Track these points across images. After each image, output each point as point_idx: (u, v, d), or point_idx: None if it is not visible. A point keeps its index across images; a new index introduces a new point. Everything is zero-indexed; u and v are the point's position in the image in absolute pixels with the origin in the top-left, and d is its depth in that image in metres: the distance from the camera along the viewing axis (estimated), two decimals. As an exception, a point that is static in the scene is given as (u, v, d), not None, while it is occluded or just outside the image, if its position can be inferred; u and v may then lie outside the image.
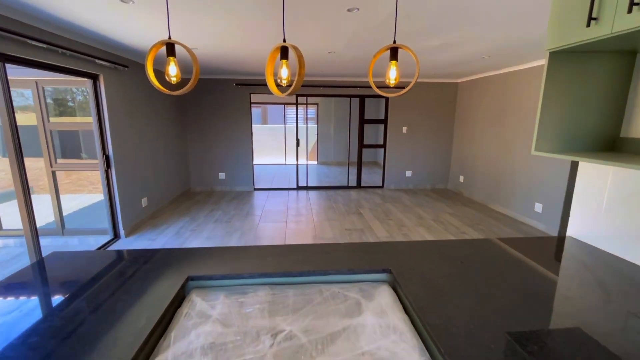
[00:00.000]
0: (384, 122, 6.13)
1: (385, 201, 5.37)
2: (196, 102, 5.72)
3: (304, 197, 5.64)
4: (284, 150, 9.89)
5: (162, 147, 4.81)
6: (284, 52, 1.22)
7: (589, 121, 1.36)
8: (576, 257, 1.41)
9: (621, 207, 1.38)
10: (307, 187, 6.31)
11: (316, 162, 9.64)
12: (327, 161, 9.68)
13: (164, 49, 1.31)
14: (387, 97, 1.39)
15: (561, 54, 1.26)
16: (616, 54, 1.29)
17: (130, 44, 3.29)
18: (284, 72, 1.26)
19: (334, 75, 5.43)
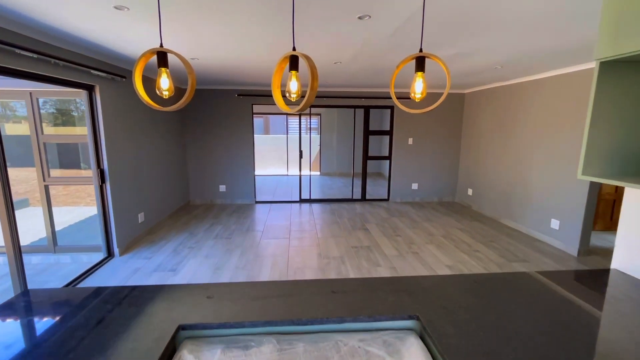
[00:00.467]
0: (390, 133, 5.97)
1: (391, 215, 5.17)
2: (197, 113, 5.59)
3: (307, 211, 5.45)
4: (286, 160, 9.73)
5: (161, 160, 4.64)
6: (294, 62, 1.06)
7: (645, 141, 1.18)
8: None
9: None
10: (310, 200, 6.12)
11: (319, 173, 9.47)
12: (330, 172, 9.51)
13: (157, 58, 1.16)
14: (410, 112, 1.21)
15: (614, 64, 1.09)
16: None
17: (127, 54, 3.15)
18: (294, 85, 1.09)
19: (338, 85, 5.30)
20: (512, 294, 1.21)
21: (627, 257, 1.40)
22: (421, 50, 1.17)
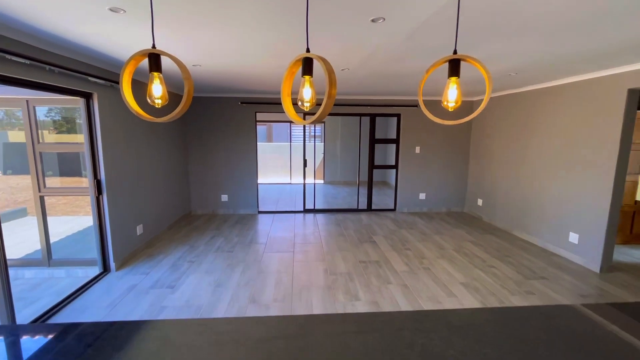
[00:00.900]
0: (396, 141, 5.81)
1: (399, 227, 4.98)
2: (199, 122, 5.46)
3: (311, 222, 5.27)
4: (289, 169, 9.58)
5: (161, 169, 4.50)
6: (308, 66, 0.90)
7: None
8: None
9: None
10: (314, 210, 5.94)
11: (322, 182, 9.31)
12: (333, 180, 9.34)
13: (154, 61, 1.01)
14: (444, 123, 1.05)
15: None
16: None
17: (126, 60, 3.02)
18: (307, 93, 0.94)
19: (344, 93, 5.17)
20: (560, 335, 1.03)
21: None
22: (455, 51, 1.01)
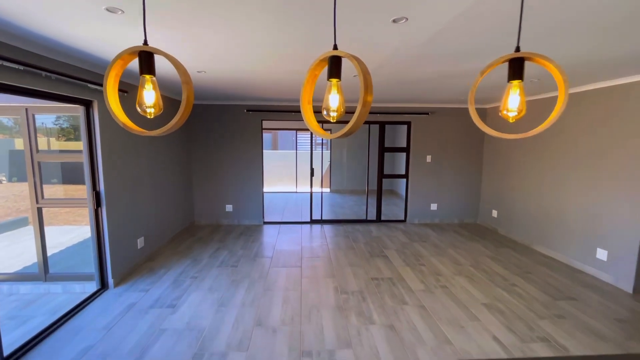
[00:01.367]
0: (406, 150, 5.61)
1: (411, 240, 4.75)
2: (203, 130, 5.32)
3: (318, 233, 5.06)
4: (294, 177, 9.40)
5: (163, 179, 4.34)
6: (336, 67, 0.72)
7: None
8: None
9: None
10: (321, 221, 5.73)
11: (329, 190, 9.11)
12: (340, 189, 9.14)
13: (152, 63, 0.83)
14: (505, 137, 0.85)
15: None
16: None
17: (129, 66, 2.89)
18: (334, 100, 0.75)
19: (353, 100, 5.00)
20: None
21: None
22: (518, 49, 0.81)
